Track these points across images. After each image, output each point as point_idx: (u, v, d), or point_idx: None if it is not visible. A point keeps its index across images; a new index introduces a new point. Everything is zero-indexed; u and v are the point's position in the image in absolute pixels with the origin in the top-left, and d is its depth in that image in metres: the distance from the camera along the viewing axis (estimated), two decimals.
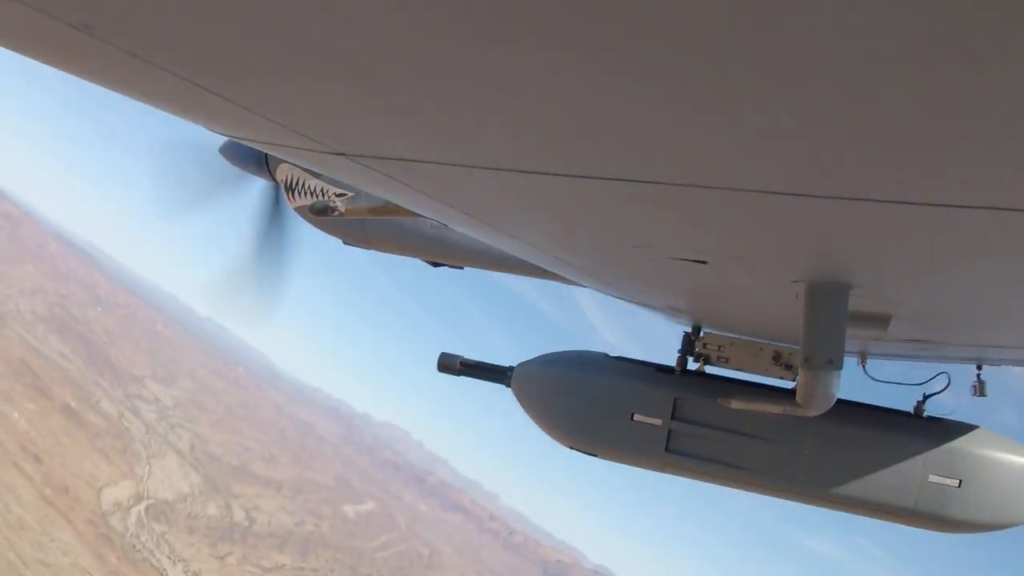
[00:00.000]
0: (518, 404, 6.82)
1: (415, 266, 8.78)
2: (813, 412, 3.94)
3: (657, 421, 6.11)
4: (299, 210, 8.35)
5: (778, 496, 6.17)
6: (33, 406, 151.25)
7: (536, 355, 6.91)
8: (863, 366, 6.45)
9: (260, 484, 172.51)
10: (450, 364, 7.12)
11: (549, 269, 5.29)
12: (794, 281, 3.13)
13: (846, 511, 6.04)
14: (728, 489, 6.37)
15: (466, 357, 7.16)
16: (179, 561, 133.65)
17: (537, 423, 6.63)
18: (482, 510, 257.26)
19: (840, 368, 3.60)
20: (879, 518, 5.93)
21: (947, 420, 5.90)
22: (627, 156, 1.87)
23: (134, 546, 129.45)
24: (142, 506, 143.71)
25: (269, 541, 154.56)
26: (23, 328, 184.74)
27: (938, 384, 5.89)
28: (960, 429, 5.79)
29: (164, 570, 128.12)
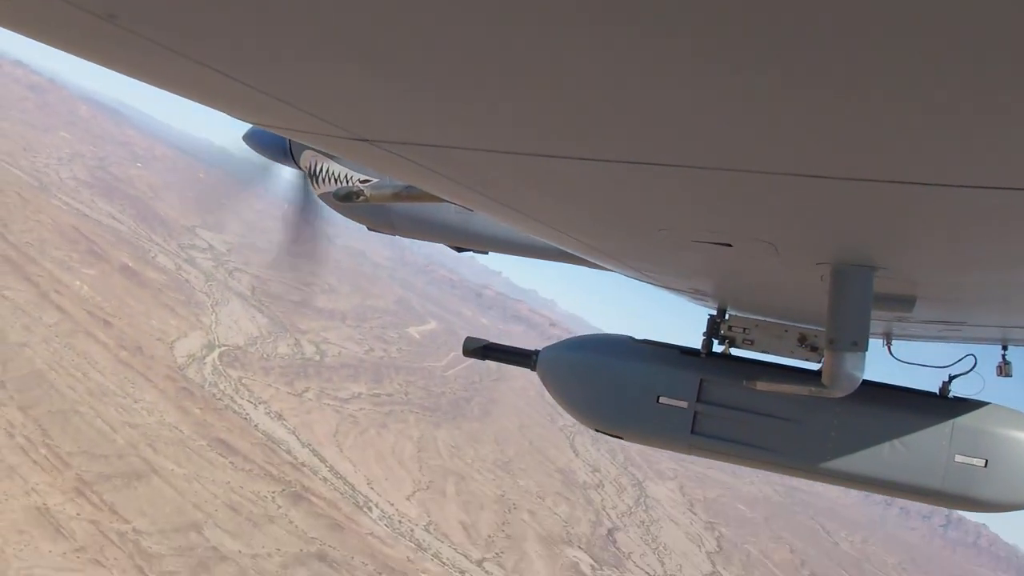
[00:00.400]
0: (544, 387, 6.72)
1: None
2: (839, 393, 3.88)
3: (683, 403, 5.99)
4: (323, 196, 8.12)
5: (805, 477, 6.10)
6: (93, 271, 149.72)
7: (560, 339, 6.84)
8: (889, 348, 6.54)
9: (324, 317, 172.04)
10: (475, 348, 7.01)
11: (574, 253, 5.29)
12: (819, 263, 3.12)
13: (873, 492, 5.98)
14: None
15: (491, 341, 7.07)
16: (260, 403, 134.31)
17: (563, 407, 6.50)
18: (542, 317, 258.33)
19: (865, 350, 3.54)
20: (906, 498, 5.88)
21: (973, 400, 5.75)
22: (653, 140, 1.84)
23: (214, 395, 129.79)
24: (215, 354, 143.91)
25: (342, 372, 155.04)
26: (68, 195, 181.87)
27: (964, 366, 5.78)
28: (986, 409, 5.69)
29: (247, 414, 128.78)
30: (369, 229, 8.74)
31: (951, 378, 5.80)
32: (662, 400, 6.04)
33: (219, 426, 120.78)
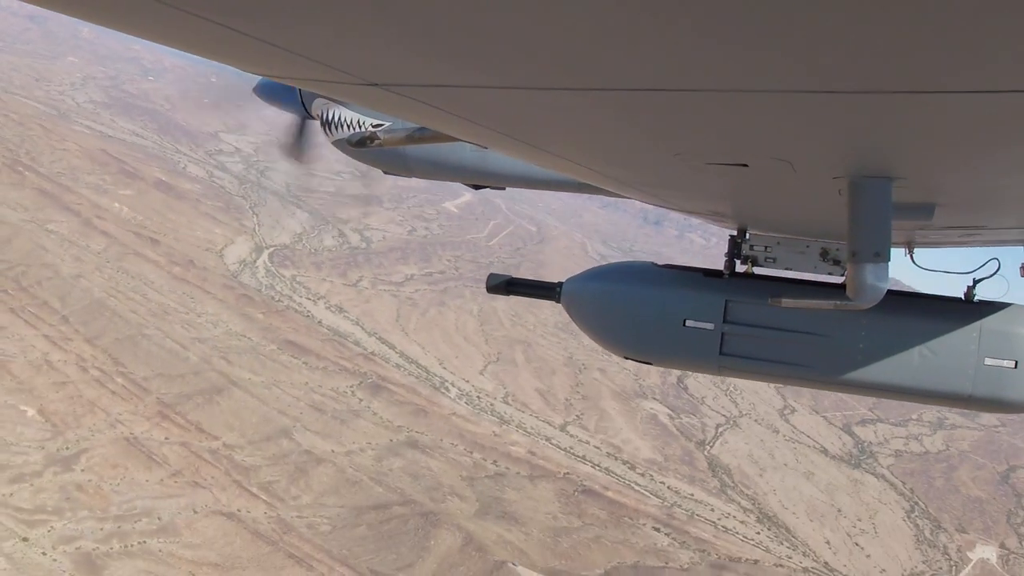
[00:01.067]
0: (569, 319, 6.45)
1: None
2: (864, 305, 3.67)
3: (709, 325, 5.78)
4: (338, 143, 7.52)
5: (836, 390, 5.97)
6: (129, 191, 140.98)
7: (583, 270, 6.56)
8: (911, 256, 6.32)
9: (361, 203, 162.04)
10: (498, 284, 6.70)
11: (591, 183, 5.08)
12: (836, 177, 2.99)
13: (904, 400, 5.82)
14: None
15: (513, 276, 6.72)
16: (319, 299, 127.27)
17: (590, 336, 6.32)
18: None
19: (888, 260, 3.39)
20: (938, 404, 5.74)
21: (998, 303, 5.55)
22: (661, 66, 1.74)
23: (272, 297, 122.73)
24: (264, 256, 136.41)
25: (391, 256, 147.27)
26: (88, 119, 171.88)
27: (988, 270, 5.60)
28: (1012, 311, 5.50)
29: (308, 312, 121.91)
30: (385, 173, 8.20)
31: (975, 282, 5.57)
32: (688, 323, 5.81)
33: (285, 328, 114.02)
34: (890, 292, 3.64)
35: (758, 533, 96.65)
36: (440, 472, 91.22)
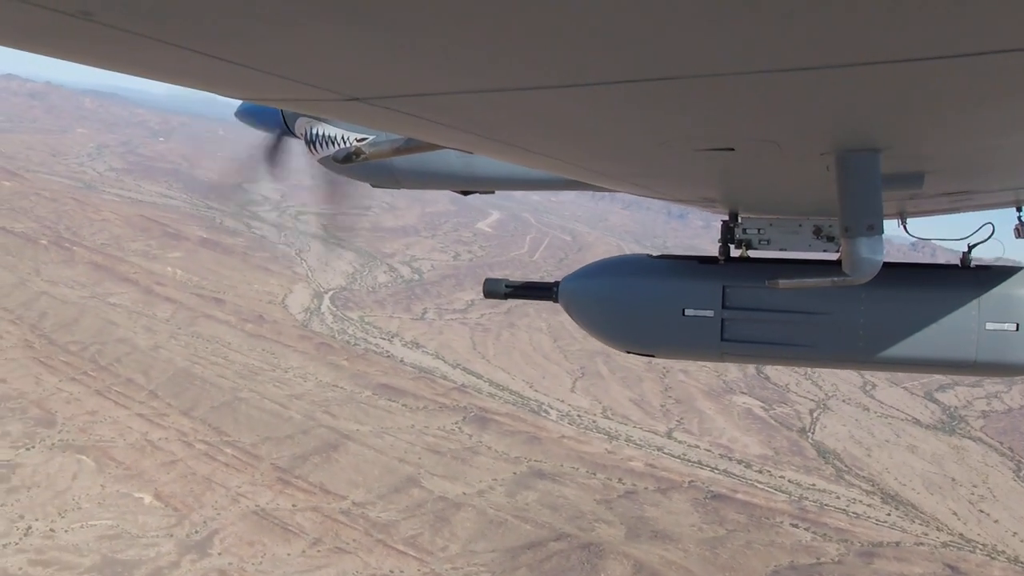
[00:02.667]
0: (569, 318, 6.23)
1: None
2: (861, 279, 3.48)
3: (709, 313, 5.51)
4: (323, 161, 7.11)
5: (841, 367, 5.77)
6: (177, 253, 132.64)
7: (578, 267, 6.31)
8: (904, 226, 6.02)
9: (399, 235, 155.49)
10: (495, 289, 6.43)
11: (578, 179, 4.91)
12: (823, 153, 2.85)
13: (910, 371, 5.64)
14: None
15: (510, 280, 6.50)
16: (393, 337, 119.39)
17: (591, 333, 6.01)
18: None
19: (882, 232, 3.22)
20: (944, 373, 5.56)
21: (995, 267, 5.33)
22: (638, 56, 1.66)
23: (348, 342, 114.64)
24: (327, 300, 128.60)
25: (446, 284, 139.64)
26: (115, 187, 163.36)
27: (982, 234, 5.39)
28: (1009, 273, 5.25)
29: (388, 352, 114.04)
30: (373, 186, 7.50)
31: (970, 248, 5.39)
32: (688, 312, 5.55)
33: (372, 372, 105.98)
34: (886, 264, 3.42)
35: (888, 515, 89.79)
36: (576, 499, 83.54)
